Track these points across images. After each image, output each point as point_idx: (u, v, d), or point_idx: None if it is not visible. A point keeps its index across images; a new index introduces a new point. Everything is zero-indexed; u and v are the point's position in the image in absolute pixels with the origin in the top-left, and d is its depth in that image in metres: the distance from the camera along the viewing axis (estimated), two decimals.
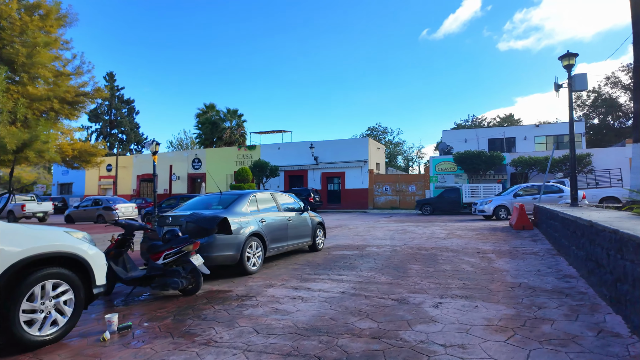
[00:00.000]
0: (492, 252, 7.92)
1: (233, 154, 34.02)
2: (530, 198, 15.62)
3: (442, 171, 27.09)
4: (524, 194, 15.97)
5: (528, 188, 16.37)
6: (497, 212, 15.95)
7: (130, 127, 61.86)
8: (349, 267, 6.79)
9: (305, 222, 8.45)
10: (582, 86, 10.00)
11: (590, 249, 4.93)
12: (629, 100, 33.32)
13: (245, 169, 14.98)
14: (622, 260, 3.62)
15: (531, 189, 16.28)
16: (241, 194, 7.09)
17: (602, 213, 6.44)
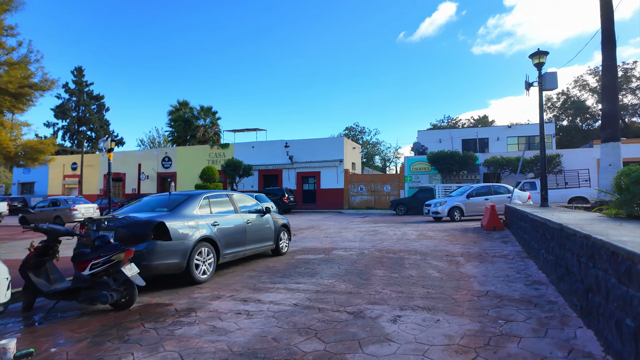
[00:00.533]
0: (461, 255, 7.60)
1: (205, 152, 32.98)
2: (483, 199, 15.62)
3: (417, 171, 27.03)
4: (477, 195, 15.91)
5: (480, 189, 16.30)
6: (451, 214, 15.62)
7: (100, 124, 59.55)
8: (310, 274, 6.29)
9: (266, 225, 7.89)
10: (552, 85, 9.86)
11: (560, 253, 4.60)
12: (596, 103, 34.34)
13: (211, 167, 14.27)
14: (594, 269, 3.26)
15: (483, 189, 16.27)
16: (191, 195, 6.47)
17: (571, 214, 6.19)
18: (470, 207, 15.70)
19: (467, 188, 16.61)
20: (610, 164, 9.53)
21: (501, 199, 15.44)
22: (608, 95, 9.73)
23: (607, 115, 9.77)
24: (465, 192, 16.10)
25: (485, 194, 15.95)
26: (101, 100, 62.29)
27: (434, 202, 16.44)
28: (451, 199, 16.00)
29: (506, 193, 15.82)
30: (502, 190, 16.14)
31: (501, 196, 15.65)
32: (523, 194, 16.43)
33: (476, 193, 15.96)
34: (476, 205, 15.69)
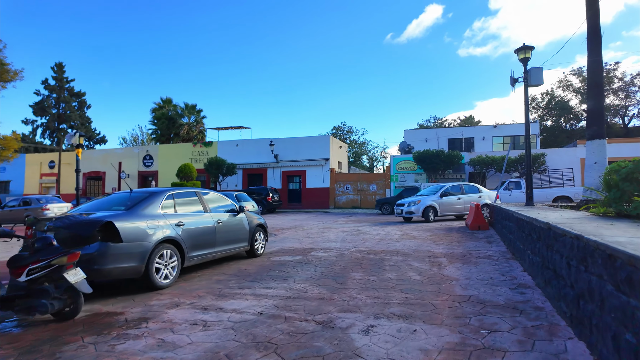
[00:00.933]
0: (444, 256, 7.25)
1: (188, 150, 32.21)
2: (455, 198, 15.32)
3: (403, 170, 26.81)
4: (450, 194, 15.49)
5: (452, 188, 15.88)
6: (426, 214, 14.85)
7: (81, 122, 57.94)
8: (283, 278, 5.85)
9: (240, 225, 7.42)
10: (537, 81, 9.63)
11: (547, 255, 4.27)
12: (579, 103, 34.71)
13: (188, 165, 13.71)
14: (587, 274, 2.90)
15: (455, 188, 15.90)
16: (153, 193, 5.96)
17: (558, 213, 5.89)
18: (443, 206, 15.13)
19: (438, 187, 15.98)
20: (595, 162, 9.33)
21: (472, 198, 15.18)
22: (594, 92, 9.54)
23: (592, 112, 9.58)
24: (438, 191, 15.44)
25: (457, 193, 15.54)
26: (82, 97, 60.64)
27: (407, 201, 15.53)
28: (425, 198, 15.23)
29: (477, 192, 15.65)
30: (473, 190, 15.87)
31: (472, 195, 15.39)
32: (491, 194, 16.15)
33: (449, 192, 15.46)
34: (449, 205, 15.23)
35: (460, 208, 15.42)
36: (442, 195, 15.16)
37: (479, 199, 15.23)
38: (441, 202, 15.06)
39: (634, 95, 33.10)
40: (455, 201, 15.24)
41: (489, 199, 15.36)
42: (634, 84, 32.63)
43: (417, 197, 15.75)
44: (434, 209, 14.90)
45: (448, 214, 15.39)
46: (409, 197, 16.23)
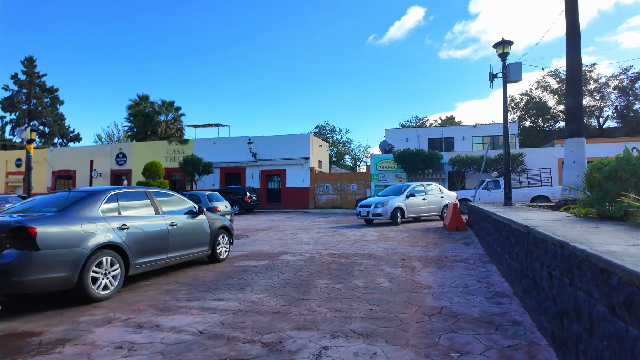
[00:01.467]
0: (419, 260, 6.82)
1: (163, 148, 31.12)
2: (421, 199, 14.57)
3: (383, 170, 26.51)
4: (416, 195, 14.56)
5: (416, 187, 14.90)
6: (394, 216, 13.60)
7: (54, 119, 55.82)
8: (241, 287, 5.28)
9: (198, 228, 6.80)
10: (516, 76, 9.33)
11: (526, 262, 3.84)
12: (557, 104, 35.21)
13: (155, 163, 12.94)
14: (572, 289, 2.45)
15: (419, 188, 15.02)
16: (93, 192, 5.29)
17: (537, 214, 5.51)
18: (410, 207, 14.11)
19: (401, 186, 14.96)
20: (574, 161, 9.08)
21: (435, 199, 14.85)
22: (572, 89, 9.29)
23: (571, 109, 9.34)
24: (404, 191, 14.30)
25: (422, 193, 14.74)
26: (55, 93, 58.52)
27: (373, 201, 14.01)
28: (391, 198, 13.93)
29: (439, 193, 15.23)
30: (434, 190, 15.30)
31: (435, 196, 14.96)
32: (452, 194, 15.87)
33: (415, 192, 14.50)
34: (415, 206, 14.30)
35: (425, 209, 14.69)
36: (408, 196, 14.16)
37: (441, 199, 14.92)
38: (408, 203, 14.04)
39: (609, 96, 33.81)
40: (421, 202, 14.47)
41: (450, 199, 15.10)
42: (608, 85, 33.30)
43: (383, 197, 14.35)
44: (402, 210, 13.83)
45: (414, 215, 14.40)
46: (374, 198, 14.83)
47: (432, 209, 14.79)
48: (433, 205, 14.78)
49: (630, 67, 31.78)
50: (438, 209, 14.94)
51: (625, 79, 32.49)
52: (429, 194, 14.82)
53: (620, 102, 33.34)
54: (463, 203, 19.35)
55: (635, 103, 32.34)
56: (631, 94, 31.87)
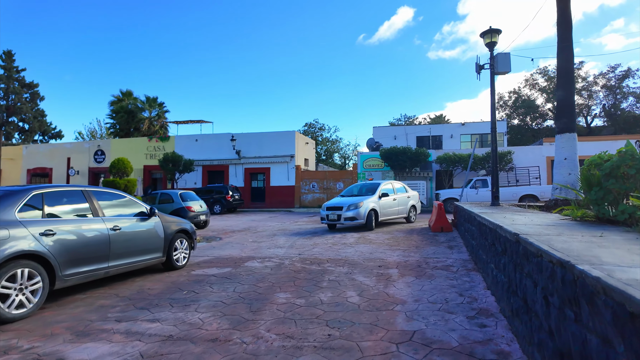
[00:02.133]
0: (397, 266, 6.14)
1: (143, 145, 30.05)
2: (392, 199, 12.83)
3: (370, 168, 25.89)
4: (389, 194, 12.89)
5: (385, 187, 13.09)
6: (370, 219, 11.41)
7: (34, 115, 54.04)
8: (186, 303, 4.54)
9: (149, 232, 6.02)
10: (504, 67, 8.73)
11: (515, 277, 3.17)
12: (545, 102, 35.02)
13: (122, 160, 12.06)
14: (580, 327, 1.78)
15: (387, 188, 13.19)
16: (9, 192, 4.47)
17: (527, 217, 4.86)
18: (383, 210, 12.21)
19: (366, 185, 13.11)
20: (565, 158, 8.52)
21: (403, 199, 13.37)
22: (563, 81, 8.72)
23: (562, 103, 8.76)
24: (375, 190, 12.26)
25: (392, 193, 12.97)
26: (35, 88, 56.67)
27: (344, 202, 11.62)
28: (364, 199, 11.67)
29: (405, 192, 13.65)
30: (401, 189, 13.63)
31: (403, 195, 13.44)
32: (416, 194, 14.61)
33: (387, 192, 12.70)
34: (388, 208, 12.50)
35: (395, 211, 12.92)
36: (381, 196, 12.20)
37: (408, 199, 13.56)
38: (381, 204, 12.11)
39: (597, 95, 33.70)
40: (392, 203, 12.69)
41: (414, 200, 13.96)
42: (596, 83, 33.18)
43: (352, 198, 12.01)
44: (376, 213, 11.84)
45: (385, 218, 12.48)
46: (341, 199, 12.39)
47: (401, 211, 13.20)
48: (401, 207, 13.18)
49: (617, 65, 31.71)
50: (405, 210, 13.41)
51: (613, 78, 32.40)
52: (398, 193, 13.16)
53: (607, 100, 33.27)
54: (450, 202, 18.84)
55: (623, 102, 32.29)
56: (618, 92, 31.80)
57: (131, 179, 12.20)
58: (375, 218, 11.82)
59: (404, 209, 13.37)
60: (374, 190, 12.33)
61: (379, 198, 12.06)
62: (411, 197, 13.80)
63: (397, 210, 13.03)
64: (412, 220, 13.68)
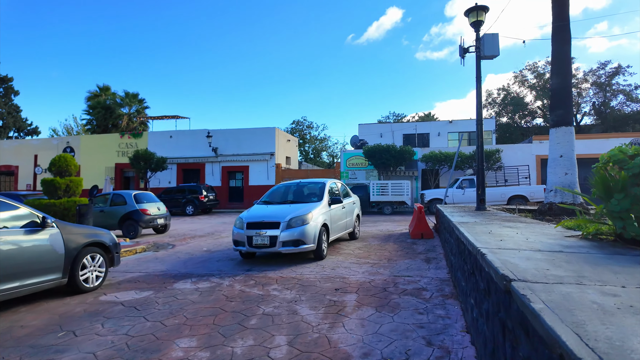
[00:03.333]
0: (357, 290, 4.89)
1: (115, 142, 28.36)
2: (341, 207, 8.84)
3: (353, 167, 24.67)
4: (342, 200, 9.03)
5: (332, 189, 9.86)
6: (320, 242, 7.14)
7: (8, 110, 51.68)
8: (45, 355, 3.22)
9: (41, 248, 4.67)
10: (492, 51, 7.56)
11: (502, 343, 1.93)
12: (534, 99, 34.25)
13: (64, 156, 10.60)
14: None
15: (334, 192, 9.37)
16: None
17: (521, 233, 3.64)
18: (334, 224, 8.01)
19: (311, 185, 8.66)
20: (561, 155, 7.36)
21: (350, 206, 9.24)
22: (558, 67, 7.57)
23: (557, 92, 7.61)
24: (320, 193, 8.05)
25: (340, 200, 8.40)
26: (9, 82, 54.23)
27: (283, 215, 7.02)
28: (309, 208, 7.30)
29: (350, 198, 9.55)
30: (347, 195, 9.58)
31: (349, 201, 9.19)
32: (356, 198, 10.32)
33: (339, 198, 8.36)
34: (337, 221, 8.25)
35: (343, 225, 8.72)
36: (331, 202, 7.97)
37: (353, 205, 9.54)
38: (332, 215, 7.93)
39: (586, 92, 32.99)
40: (342, 213, 8.57)
41: (358, 207, 10.11)
42: (586, 80, 32.46)
43: (290, 207, 7.45)
44: (327, 230, 7.60)
45: (335, 237, 8.19)
46: (276, 207, 7.57)
47: (348, 224, 9.10)
48: (349, 218, 9.08)
49: (608, 61, 31.01)
50: (352, 222, 9.33)
51: (603, 75, 31.69)
52: (345, 199, 9.00)
53: (597, 98, 32.58)
54: (436, 203, 17.72)
55: (613, 99, 31.63)
56: (608, 90, 31.12)
57: (75, 179, 10.75)
58: (327, 238, 7.53)
59: (351, 220, 9.20)
60: (319, 192, 7.99)
61: (328, 206, 7.76)
62: (356, 203, 9.89)
63: (345, 224, 8.79)
64: (357, 235, 9.70)
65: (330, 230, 7.64)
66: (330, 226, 7.63)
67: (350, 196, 9.69)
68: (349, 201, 9.21)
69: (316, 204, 7.44)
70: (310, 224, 6.88)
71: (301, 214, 6.94)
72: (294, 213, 6.97)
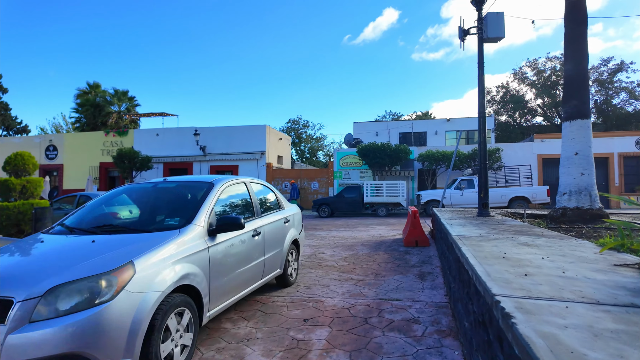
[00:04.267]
0: (332, 321, 3.87)
1: (99, 140, 27.26)
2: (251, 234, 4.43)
3: (347, 166, 23.67)
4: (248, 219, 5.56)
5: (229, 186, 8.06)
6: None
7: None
8: None
9: None
10: (497, 32, 6.56)
11: None
12: (534, 97, 33.30)
13: (22, 154, 9.56)
14: None
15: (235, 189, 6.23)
16: None
17: (550, 260, 2.63)
18: (224, 278, 3.63)
19: (178, 190, 4.31)
20: (576, 153, 6.36)
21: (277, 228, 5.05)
22: (573, 50, 6.57)
23: (571, 80, 6.62)
24: (194, 208, 3.61)
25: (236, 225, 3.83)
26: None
27: (65, 272, 2.49)
28: (126, 248, 2.85)
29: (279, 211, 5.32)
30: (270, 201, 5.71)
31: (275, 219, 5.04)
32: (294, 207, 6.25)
33: (233, 219, 3.76)
34: (240, 263, 3.95)
35: (254, 271, 4.33)
36: (217, 228, 3.58)
37: (285, 226, 5.30)
38: (218, 258, 3.56)
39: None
40: (251, 247, 4.27)
41: (297, 226, 5.88)
42: None
43: (108, 245, 2.96)
44: (200, 306, 3.26)
45: (227, 302, 3.76)
46: (69, 244, 3.14)
47: (270, 265, 4.73)
48: (272, 253, 4.75)
49: (610, 58, 30.12)
50: (280, 259, 5.04)
51: (605, 72, 30.78)
52: (264, 215, 4.82)
53: (599, 96, 31.67)
54: (433, 205, 16.74)
55: (615, 97, 30.75)
56: (610, 87, 30.24)
57: (33, 179, 9.70)
58: (199, 319, 3.24)
59: (278, 256, 4.96)
60: (191, 207, 3.70)
61: (210, 238, 3.48)
62: (292, 222, 5.62)
63: (260, 267, 4.44)
64: (291, 280, 5.39)
65: (210, 297, 3.33)
66: (209, 287, 3.31)
67: (281, 208, 5.41)
68: (274, 219, 4.93)
69: (167, 238, 3.08)
70: (115, 305, 2.41)
71: (92, 275, 2.48)
72: (74, 270, 2.54)
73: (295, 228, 5.65)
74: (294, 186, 22.60)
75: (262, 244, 4.44)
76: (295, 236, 5.59)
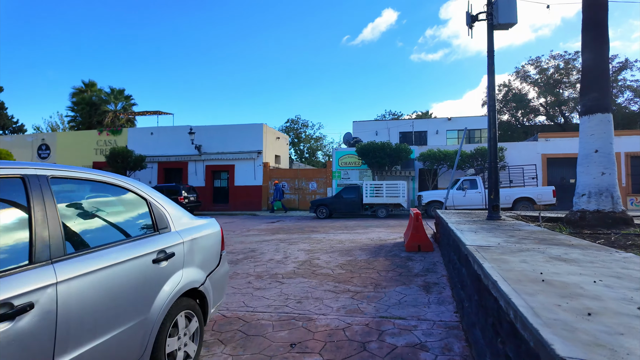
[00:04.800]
0: (321, 349, 3.27)
1: (93, 139, 26.66)
2: None
3: (346, 166, 23.07)
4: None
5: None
6: None
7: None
8: None
9: None
10: (508, 17, 5.97)
11: None
12: (537, 96, 32.69)
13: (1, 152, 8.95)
14: None
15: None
16: None
17: (604, 284, 2.03)
18: None
19: None
20: (596, 150, 5.78)
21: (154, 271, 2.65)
22: (591, 37, 5.98)
23: (590, 70, 6.03)
24: None
25: None
26: None
27: None
28: None
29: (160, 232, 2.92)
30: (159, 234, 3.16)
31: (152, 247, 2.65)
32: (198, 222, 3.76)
33: None
34: None
35: None
36: None
37: (160, 265, 2.59)
38: None
39: None
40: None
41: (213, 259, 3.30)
42: None
43: None
44: None
45: None
46: None
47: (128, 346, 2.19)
48: (97, 337, 1.96)
49: (615, 55, 29.49)
50: (137, 342, 2.24)
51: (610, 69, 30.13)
52: (92, 254, 2.06)
53: None
54: (434, 206, 16.15)
55: (620, 96, 30.13)
56: (615, 86, 29.63)
57: None
58: None
59: (128, 335, 2.17)
60: None
61: None
62: (182, 254, 2.83)
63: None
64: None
65: None
66: None
67: (161, 231, 2.79)
68: (116, 259, 2.20)
69: None
70: None
71: None
72: None
73: (196, 267, 2.98)
74: (277, 187, 22.00)
75: (51, 330, 1.75)
76: (193, 284, 2.85)
